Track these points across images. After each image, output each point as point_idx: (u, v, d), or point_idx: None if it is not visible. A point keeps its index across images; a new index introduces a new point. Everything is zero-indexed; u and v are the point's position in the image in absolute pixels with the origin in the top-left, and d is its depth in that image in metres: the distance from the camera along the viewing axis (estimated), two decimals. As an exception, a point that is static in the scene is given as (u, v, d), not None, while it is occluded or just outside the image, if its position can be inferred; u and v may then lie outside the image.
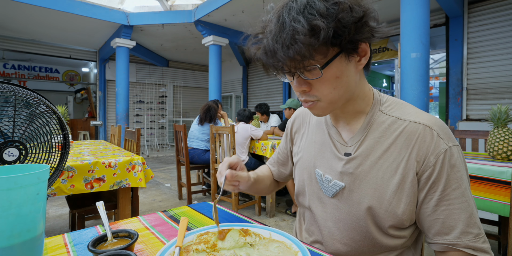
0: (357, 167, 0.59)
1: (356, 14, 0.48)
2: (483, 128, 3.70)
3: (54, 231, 2.31)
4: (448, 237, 0.53)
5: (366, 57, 0.55)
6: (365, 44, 0.53)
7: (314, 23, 0.46)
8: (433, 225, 0.55)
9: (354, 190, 0.60)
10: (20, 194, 0.40)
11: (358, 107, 0.61)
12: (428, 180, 0.54)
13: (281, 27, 0.48)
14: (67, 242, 0.56)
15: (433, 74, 7.97)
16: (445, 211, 0.53)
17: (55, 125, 1.04)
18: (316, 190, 0.67)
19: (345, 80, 0.54)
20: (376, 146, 0.58)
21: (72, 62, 8.34)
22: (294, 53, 0.47)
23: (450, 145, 0.54)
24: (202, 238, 0.51)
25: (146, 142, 8.08)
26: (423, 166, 0.54)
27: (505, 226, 1.63)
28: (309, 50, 0.47)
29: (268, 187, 0.85)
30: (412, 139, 0.56)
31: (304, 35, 0.46)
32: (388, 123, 0.59)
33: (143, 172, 1.64)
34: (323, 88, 0.54)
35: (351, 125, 0.63)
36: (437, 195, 0.54)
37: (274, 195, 2.66)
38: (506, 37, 3.85)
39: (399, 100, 0.63)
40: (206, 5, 4.91)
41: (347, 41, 0.49)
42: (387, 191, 0.56)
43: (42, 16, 5.10)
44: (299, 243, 0.49)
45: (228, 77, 8.87)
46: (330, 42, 0.48)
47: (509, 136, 1.41)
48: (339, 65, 0.52)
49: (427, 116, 0.58)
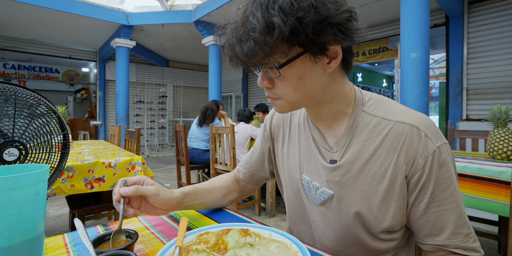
0: (343, 175, 0.57)
1: (319, 14, 0.44)
2: (483, 128, 3.70)
3: (54, 231, 2.31)
4: (439, 238, 0.52)
5: (337, 60, 0.51)
6: (336, 46, 0.49)
7: (270, 20, 0.43)
8: (424, 227, 0.54)
9: (342, 199, 0.58)
10: (20, 194, 0.40)
11: (337, 108, 0.58)
12: (418, 183, 0.53)
13: (242, 21, 0.47)
14: (67, 242, 0.56)
15: (433, 74, 7.97)
16: (435, 213, 0.52)
17: (55, 125, 1.04)
18: (304, 198, 0.65)
19: (308, 82, 0.51)
20: (362, 150, 0.56)
21: (72, 62, 8.34)
22: (248, 50, 0.45)
23: (438, 144, 0.52)
24: (202, 238, 0.51)
25: (146, 142, 8.08)
26: (412, 169, 0.52)
27: (505, 226, 1.63)
28: (263, 48, 0.45)
29: (221, 199, 0.73)
30: (399, 140, 0.53)
31: (258, 33, 0.44)
32: (373, 124, 0.56)
33: (143, 172, 1.64)
34: (284, 87, 0.51)
35: (334, 128, 0.60)
36: (426, 197, 0.52)
37: (274, 195, 2.66)
38: (506, 37, 3.85)
39: (382, 97, 0.60)
40: (206, 5, 4.91)
41: (310, 41, 0.45)
42: (376, 197, 0.55)
43: (42, 16, 5.11)
44: (299, 243, 0.49)
45: (228, 77, 8.87)
46: (287, 41, 0.45)
47: (509, 136, 1.41)
48: (302, 66, 0.49)
49: (413, 114, 0.55)
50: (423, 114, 0.56)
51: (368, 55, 5.52)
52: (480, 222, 1.91)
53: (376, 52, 5.38)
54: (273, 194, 2.65)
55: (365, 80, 9.37)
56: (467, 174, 1.30)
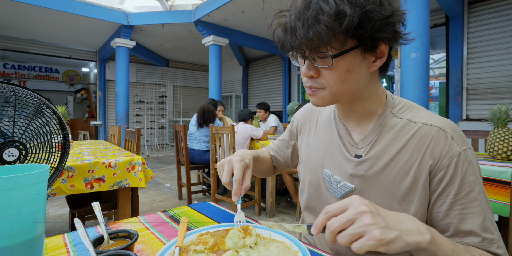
0: (368, 170, 0.58)
1: (385, 11, 0.47)
2: (483, 128, 3.70)
3: (54, 231, 2.31)
4: (462, 241, 0.52)
5: (382, 60, 0.54)
6: (385, 45, 0.52)
7: (342, 7, 0.45)
8: (446, 229, 0.53)
9: (364, 193, 0.58)
10: (20, 194, 0.40)
11: (369, 108, 0.60)
12: (441, 183, 0.53)
13: (307, 5, 0.48)
14: (67, 242, 0.56)
15: (433, 74, 7.97)
16: (459, 216, 0.51)
17: (55, 125, 1.04)
18: (323, 191, 0.66)
19: (354, 76, 0.52)
20: (388, 148, 0.57)
21: (72, 62, 8.34)
22: (313, 33, 0.46)
23: (464, 148, 0.53)
24: (202, 239, 0.51)
25: (146, 142, 8.08)
26: (435, 168, 0.53)
27: (505, 226, 1.63)
28: (328, 34, 0.46)
29: (265, 169, 0.85)
30: (425, 141, 0.54)
31: (328, 17, 0.45)
32: (400, 125, 0.58)
33: (143, 172, 1.64)
34: (331, 78, 0.52)
35: (362, 126, 0.62)
36: (450, 198, 0.52)
37: (274, 195, 2.66)
38: (506, 37, 3.85)
39: (412, 103, 0.62)
40: (206, 5, 4.91)
41: (368, 36, 0.48)
42: (398, 194, 0.55)
43: (42, 16, 5.11)
44: (299, 243, 0.49)
45: (228, 77, 8.87)
46: (351, 32, 0.46)
47: (509, 136, 1.41)
48: (353, 60, 0.51)
49: (440, 118, 0.57)
50: (450, 120, 0.57)
51: (368, 55, 5.51)
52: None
53: (376, 52, 5.38)
54: (273, 194, 2.65)
55: (365, 80, 9.35)
56: (467, 174, 1.30)
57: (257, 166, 0.78)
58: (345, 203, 0.40)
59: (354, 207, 0.39)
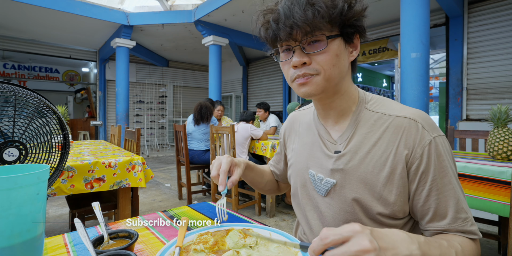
0: (347, 163, 0.60)
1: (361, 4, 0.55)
2: (483, 128, 3.70)
3: (54, 231, 2.31)
4: (440, 224, 0.55)
5: (357, 52, 0.60)
6: (357, 38, 0.59)
7: None
8: (426, 214, 0.57)
9: (345, 186, 0.61)
10: (20, 194, 0.40)
11: (345, 104, 0.63)
12: (417, 171, 0.56)
13: None
14: (67, 242, 0.56)
15: (433, 74, 7.97)
16: (436, 200, 0.55)
17: (55, 125, 1.04)
18: (311, 191, 0.68)
19: (341, 62, 0.57)
20: (364, 142, 0.60)
21: (72, 62, 8.34)
22: (312, 13, 0.51)
23: (434, 135, 0.56)
24: (202, 238, 0.51)
25: (146, 142, 8.08)
26: (411, 158, 0.56)
27: (505, 226, 1.63)
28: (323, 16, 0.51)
29: (266, 182, 0.87)
30: (398, 132, 0.57)
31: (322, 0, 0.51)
32: (374, 119, 0.61)
33: (143, 172, 1.64)
34: (324, 62, 0.55)
35: (340, 124, 0.65)
36: (427, 185, 0.56)
37: (274, 195, 2.66)
38: (506, 37, 3.85)
39: (383, 98, 0.66)
40: (206, 5, 4.91)
41: (349, 24, 0.55)
42: (377, 184, 0.58)
43: (42, 16, 5.10)
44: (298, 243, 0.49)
45: (228, 77, 8.87)
46: (339, 18, 0.53)
47: (509, 136, 1.41)
48: (340, 45, 0.57)
49: (411, 110, 0.60)
50: (421, 110, 0.60)
51: (368, 55, 5.52)
52: (480, 222, 1.91)
53: (376, 52, 5.38)
54: (273, 194, 2.65)
55: (365, 80, 9.36)
56: (467, 174, 1.30)
57: (254, 177, 0.81)
58: (346, 235, 0.37)
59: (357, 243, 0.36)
